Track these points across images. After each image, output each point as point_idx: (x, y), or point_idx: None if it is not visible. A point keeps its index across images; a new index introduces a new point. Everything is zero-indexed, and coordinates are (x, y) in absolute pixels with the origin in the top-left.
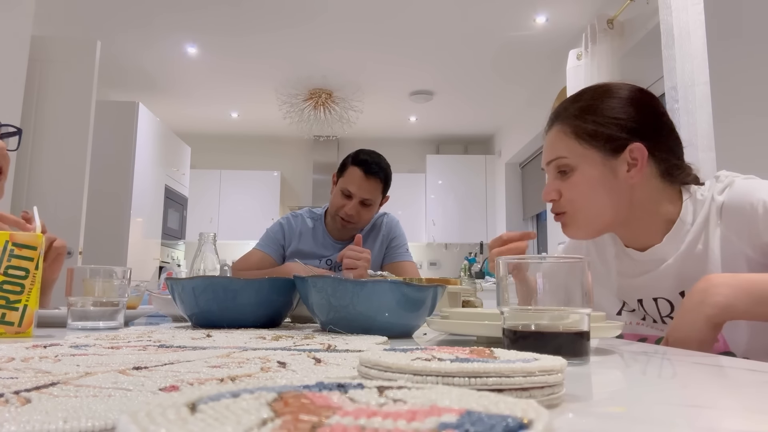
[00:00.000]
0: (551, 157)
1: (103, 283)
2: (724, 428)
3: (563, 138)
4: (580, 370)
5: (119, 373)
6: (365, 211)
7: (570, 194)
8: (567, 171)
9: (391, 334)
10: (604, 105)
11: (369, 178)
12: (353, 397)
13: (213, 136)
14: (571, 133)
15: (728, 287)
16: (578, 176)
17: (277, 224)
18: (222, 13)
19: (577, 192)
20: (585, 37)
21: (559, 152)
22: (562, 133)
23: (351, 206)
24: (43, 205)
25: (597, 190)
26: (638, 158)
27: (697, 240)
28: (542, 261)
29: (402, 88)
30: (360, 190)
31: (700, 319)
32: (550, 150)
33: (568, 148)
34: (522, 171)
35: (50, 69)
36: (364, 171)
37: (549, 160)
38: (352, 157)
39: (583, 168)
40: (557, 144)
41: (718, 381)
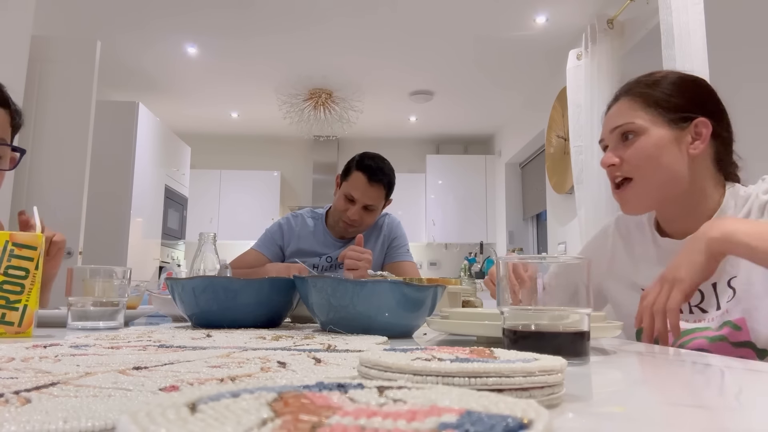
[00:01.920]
0: (618, 123)
1: (103, 283)
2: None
3: (632, 105)
4: (580, 370)
5: (119, 373)
6: (368, 216)
7: (635, 158)
8: (633, 136)
9: (391, 334)
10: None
11: (372, 185)
12: (353, 397)
13: (213, 136)
14: (640, 102)
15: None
16: (645, 140)
17: (276, 225)
18: (222, 13)
19: (644, 155)
20: (585, 37)
21: (626, 118)
22: (631, 101)
23: (354, 211)
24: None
25: (662, 154)
26: (702, 132)
27: None
28: (542, 261)
29: (402, 88)
30: (363, 197)
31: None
32: (617, 117)
33: (636, 115)
34: (522, 171)
35: (50, 69)
36: (368, 177)
37: (615, 126)
38: (357, 161)
39: (650, 132)
40: (625, 112)
41: (719, 381)
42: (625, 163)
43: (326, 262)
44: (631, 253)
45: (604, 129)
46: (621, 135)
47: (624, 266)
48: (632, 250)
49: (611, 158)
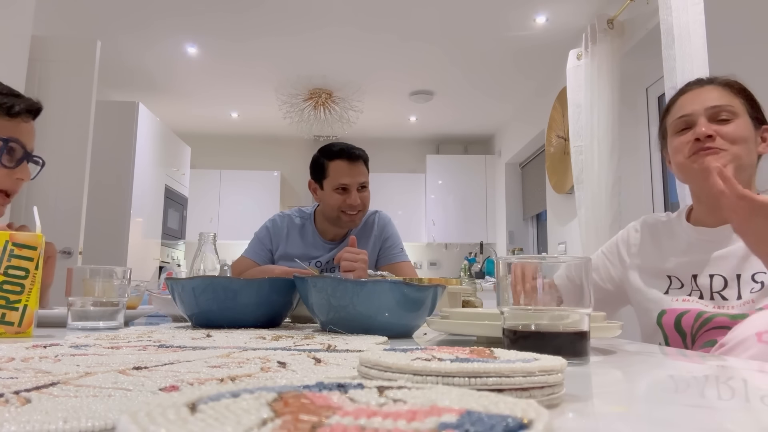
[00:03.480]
0: (718, 103)
1: (103, 283)
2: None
3: (729, 92)
4: (580, 370)
5: (119, 373)
6: (365, 195)
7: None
8: (729, 118)
9: (391, 334)
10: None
11: (354, 163)
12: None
13: (213, 136)
14: (734, 92)
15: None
16: (740, 122)
17: (264, 228)
18: (222, 13)
19: (739, 134)
20: (585, 37)
21: (726, 101)
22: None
23: (353, 197)
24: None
25: (750, 141)
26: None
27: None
28: (542, 261)
29: (402, 88)
30: (354, 177)
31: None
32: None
33: (732, 101)
34: (522, 171)
35: (50, 69)
36: (348, 159)
37: (714, 105)
38: (325, 154)
39: (744, 120)
40: (724, 95)
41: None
42: (720, 136)
43: (315, 267)
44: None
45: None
46: (714, 114)
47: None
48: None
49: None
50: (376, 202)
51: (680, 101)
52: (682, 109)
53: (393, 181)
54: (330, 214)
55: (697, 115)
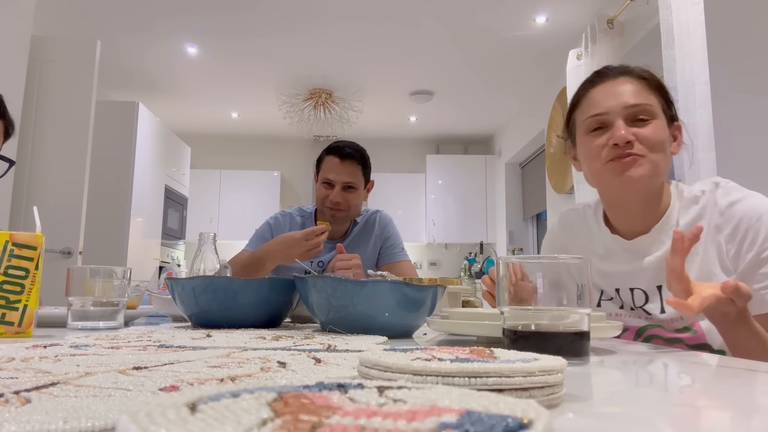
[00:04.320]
0: (637, 101)
1: (103, 283)
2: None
3: (646, 88)
4: (580, 370)
5: (119, 373)
6: (351, 196)
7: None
8: (648, 119)
9: (391, 334)
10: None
11: (345, 162)
12: (353, 397)
13: (213, 136)
14: (650, 87)
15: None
16: (659, 125)
17: (266, 224)
18: (222, 13)
19: (659, 138)
20: (585, 37)
21: (644, 99)
22: (643, 83)
23: (335, 193)
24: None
25: (667, 144)
26: (678, 135)
27: None
28: (542, 261)
29: (402, 88)
30: (339, 175)
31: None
32: (634, 95)
33: (649, 99)
34: (522, 171)
35: (50, 69)
36: (339, 156)
37: (636, 103)
38: (326, 149)
39: (661, 120)
40: (640, 92)
41: (718, 381)
42: (639, 141)
43: (318, 268)
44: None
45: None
46: (633, 114)
47: None
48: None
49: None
50: (376, 202)
51: (592, 95)
52: (595, 106)
53: (393, 181)
54: (318, 207)
55: (613, 115)
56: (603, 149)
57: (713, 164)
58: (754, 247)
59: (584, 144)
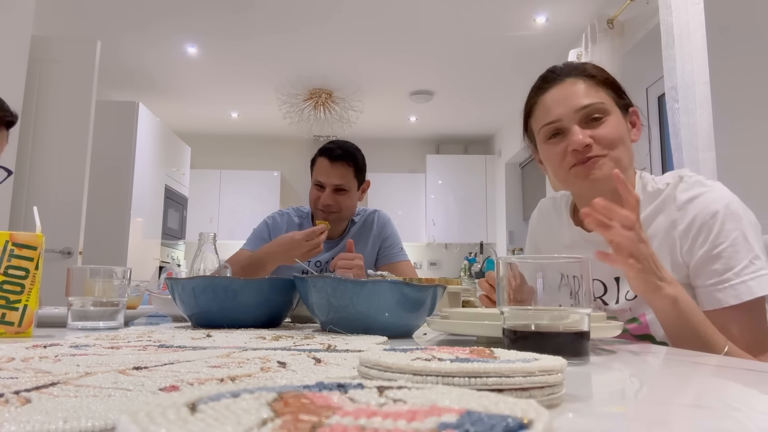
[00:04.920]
0: (587, 102)
1: (103, 283)
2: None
3: (594, 86)
4: (580, 370)
5: (119, 373)
6: (343, 198)
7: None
8: (601, 117)
9: (391, 334)
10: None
11: (335, 164)
12: (353, 397)
13: (213, 136)
14: (598, 83)
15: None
16: (614, 120)
17: (263, 223)
18: (222, 13)
19: (616, 134)
20: (585, 37)
21: (593, 98)
22: (590, 81)
23: (325, 195)
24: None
25: (625, 136)
26: (636, 122)
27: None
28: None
29: (402, 88)
30: (329, 178)
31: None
32: (582, 96)
33: (599, 96)
34: (522, 171)
35: (50, 69)
36: (329, 158)
37: (585, 105)
38: (318, 149)
39: (615, 115)
40: (589, 91)
41: (718, 381)
42: (597, 142)
43: (315, 267)
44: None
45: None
46: (586, 115)
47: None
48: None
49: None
50: (376, 201)
51: (543, 102)
52: (548, 113)
53: (393, 181)
54: (311, 208)
55: (567, 121)
56: (564, 156)
57: (713, 164)
58: (706, 243)
59: (545, 152)
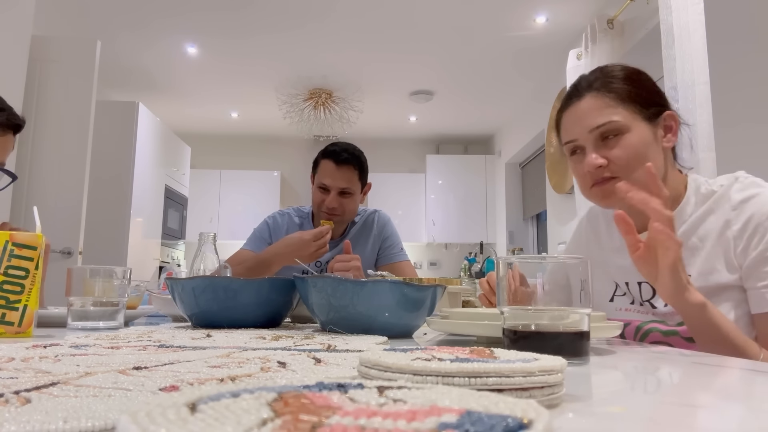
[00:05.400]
0: (600, 122)
1: (103, 283)
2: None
3: (609, 103)
4: (580, 370)
5: (119, 373)
6: (347, 201)
7: (624, 157)
8: (617, 135)
9: (391, 334)
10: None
11: (341, 167)
12: (353, 397)
13: (213, 136)
14: (615, 98)
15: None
16: (631, 138)
17: (264, 223)
18: (222, 13)
19: (633, 153)
20: (585, 37)
21: (606, 117)
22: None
23: (330, 199)
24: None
25: (648, 151)
26: (673, 125)
27: (692, 233)
28: (542, 261)
29: (402, 88)
30: (335, 181)
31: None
32: (597, 115)
33: (616, 112)
34: (522, 171)
35: (50, 69)
36: (335, 161)
37: (597, 125)
38: (322, 151)
39: (635, 130)
40: (604, 110)
41: (718, 381)
42: (612, 163)
43: (316, 268)
44: (599, 245)
45: (576, 127)
46: (600, 134)
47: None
48: (600, 241)
49: (599, 159)
50: (376, 201)
51: (564, 119)
52: (567, 132)
53: (393, 181)
54: (314, 210)
55: (582, 141)
56: (584, 175)
57: (713, 164)
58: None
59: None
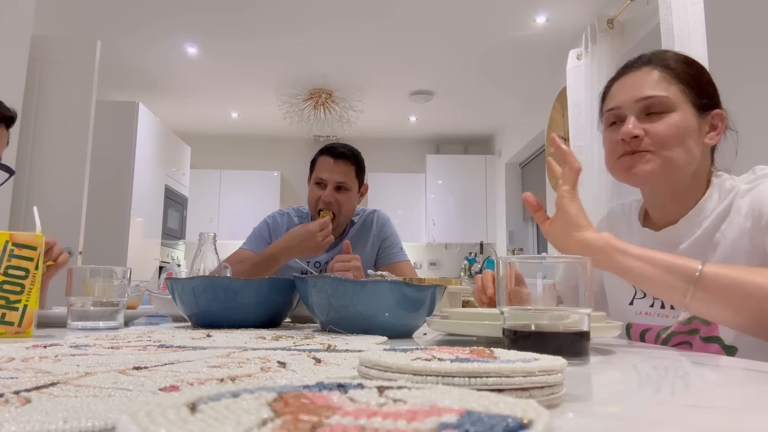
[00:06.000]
0: (649, 93)
1: (103, 283)
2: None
3: (666, 78)
4: (580, 370)
5: (119, 373)
6: (343, 197)
7: (664, 133)
8: (663, 112)
9: (391, 334)
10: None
11: (338, 161)
12: (353, 397)
13: (213, 136)
14: (672, 76)
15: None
16: (675, 117)
17: (263, 223)
18: (222, 13)
19: (673, 132)
20: (585, 37)
21: (659, 90)
22: (662, 72)
23: (327, 193)
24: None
25: (689, 137)
26: (719, 124)
27: (716, 228)
28: (542, 261)
29: (402, 88)
30: (332, 174)
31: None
32: (647, 86)
33: (668, 89)
34: (522, 171)
35: (50, 69)
36: (332, 155)
37: (645, 96)
38: (319, 150)
39: (681, 112)
40: (659, 82)
41: (718, 381)
42: (650, 137)
43: (315, 268)
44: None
45: (624, 95)
46: (646, 107)
47: None
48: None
49: (637, 129)
50: (376, 201)
51: (614, 87)
52: (612, 99)
53: (393, 181)
54: (311, 208)
55: (626, 109)
56: (616, 145)
57: None
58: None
59: (605, 138)
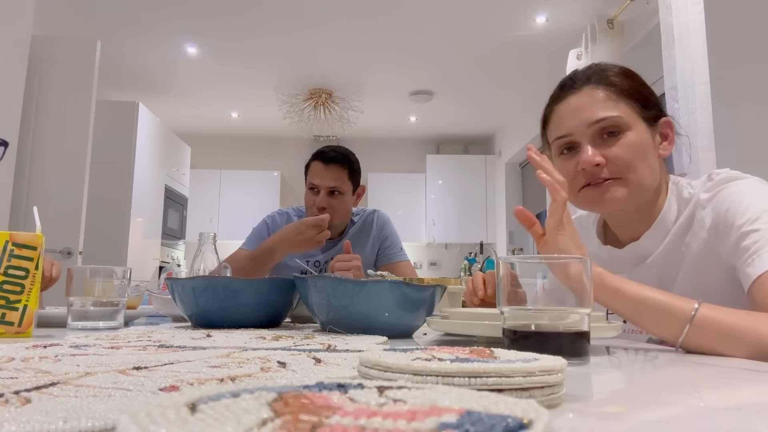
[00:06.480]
0: (601, 115)
1: (103, 283)
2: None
3: (611, 96)
4: (580, 370)
5: (119, 373)
6: (337, 201)
7: (625, 157)
8: (617, 132)
9: (391, 334)
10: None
11: (329, 166)
12: (353, 397)
13: (213, 136)
14: (618, 93)
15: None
16: (632, 137)
17: (263, 223)
18: (222, 13)
19: (634, 153)
20: (585, 37)
21: (610, 111)
22: (608, 91)
23: (320, 198)
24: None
25: (648, 153)
26: (669, 133)
27: (679, 241)
28: (542, 261)
29: (402, 88)
30: (324, 180)
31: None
32: (597, 109)
33: (617, 107)
34: (522, 171)
35: (50, 69)
36: (322, 161)
37: (598, 119)
38: (312, 155)
39: (636, 130)
40: (606, 102)
41: (718, 381)
42: (611, 163)
43: (314, 267)
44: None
45: (573, 120)
46: (600, 130)
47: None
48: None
49: (597, 157)
50: (376, 202)
51: (557, 112)
52: (560, 126)
53: (393, 181)
54: (307, 213)
55: (578, 136)
56: (575, 175)
57: (713, 164)
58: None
59: (559, 167)
